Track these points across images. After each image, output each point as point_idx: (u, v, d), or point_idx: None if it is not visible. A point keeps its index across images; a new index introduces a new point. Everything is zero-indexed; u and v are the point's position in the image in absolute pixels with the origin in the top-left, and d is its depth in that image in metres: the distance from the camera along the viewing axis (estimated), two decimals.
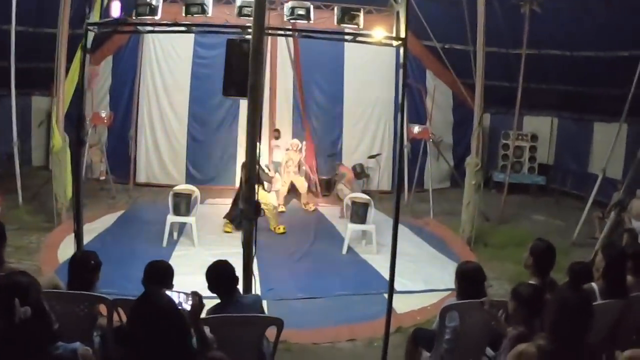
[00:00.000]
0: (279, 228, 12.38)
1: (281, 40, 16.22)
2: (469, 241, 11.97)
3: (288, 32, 6.04)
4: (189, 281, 5.16)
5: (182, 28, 5.76)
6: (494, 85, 12.17)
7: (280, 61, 16.69)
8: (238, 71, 5.27)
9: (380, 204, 13.52)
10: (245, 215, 5.40)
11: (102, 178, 15.64)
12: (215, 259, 9.64)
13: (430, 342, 5.64)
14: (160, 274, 5.03)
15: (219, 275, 5.07)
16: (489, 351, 5.36)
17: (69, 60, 11.71)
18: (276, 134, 16.02)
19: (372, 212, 11.39)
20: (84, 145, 6.18)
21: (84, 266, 5.05)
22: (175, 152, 16.74)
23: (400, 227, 12.77)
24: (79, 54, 11.62)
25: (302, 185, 14.90)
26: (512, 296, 4.81)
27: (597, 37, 13.38)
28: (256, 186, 6.05)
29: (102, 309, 5.10)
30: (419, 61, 16.89)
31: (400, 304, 8.33)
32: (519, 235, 12.61)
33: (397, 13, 6.02)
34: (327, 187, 16.52)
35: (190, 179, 15.93)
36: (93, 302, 4.97)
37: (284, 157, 15.05)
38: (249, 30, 5.08)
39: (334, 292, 9.11)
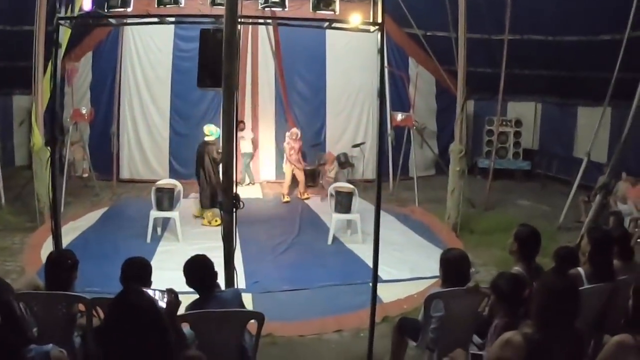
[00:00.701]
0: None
1: (262, 30, 16.09)
2: (454, 228, 11.97)
3: (262, 20, 5.83)
4: (175, 277, 5.11)
5: (155, 19, 5.70)
6: (476, 71, 12.15)
7: (262, 51, 16.60)
8: (212, 61, 5.17)
9: (365, 193, 13.50)
10: (225, 207, 5.29)
11: (85, 175, 15.53)
12: (198, 253, 9.62)
13: (416, 331, 5.60)
14: (138, 272, 4.91)
15: (197, 270, 5.01)
16: (476, 339, 5.31)
17: (47, 57, 11.59)
18: (241, 125, 15.72)
19: (356, 202, 11.34)
20: (57, 142, 6.02)
21: (60, 265, 4.97)
22: (158, 146, 16.65)
23: (386, 215, 12.91)
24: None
25: (300, 174, 14.94)
26: (492, 290, 4.80)
27: (579, 22, 13.35)
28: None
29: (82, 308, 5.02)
30: (401, 49, 16.86)
31: (387, 293, 8.34)
32: (505, 221, 12.59)
33: None
34: (312, 178, 16.48)
35: (173, 173, 15.87)
36: (71, 302, 4.91)
37: (286, 146, 14.99)
38: (223, 19, 5.01)
39: (320, 283, 9.04)
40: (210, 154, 12.34)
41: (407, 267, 9.73)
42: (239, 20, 4.85)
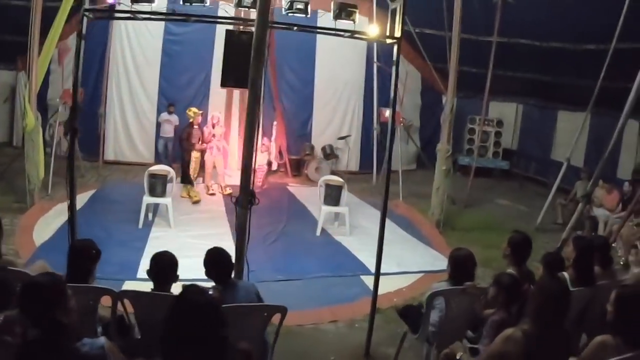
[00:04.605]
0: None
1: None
2: (438, 224, 12.27)
3: (288, 27, 6.01)
4: None
5: (180, 17, 5.85)
6: (461, 70, 12.38)
7: None
8: (236, 62, 5.35)
9: (348, 184, 13.68)
10: (241, 203, 5.49)
11: None
12: (192, 240, 9.82)
13: (415, 321, 5.94)
14: (168, 266, 5.05)
15: (218, 261, 5.18)
16: (469, 333, 5.63)
17: (43, 36, 11.57)
18: (171, 108, 15.91)
19: (345, 195, 11.58)
20: (77, 133, 6.14)
21: (85, 256, 4.99)
22: (144, 129, 16.65)
23: (370, 208, 13.23)
24: (53, 30, 11.59)
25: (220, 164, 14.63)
26: (494, 283, 5.19)
27: (566, 30, 13.63)
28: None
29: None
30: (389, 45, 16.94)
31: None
32: (485, 219, 13.04)
33: (393, 11, 6.16)
34: (297, 167, 16.72)
35: (159, 157, 15.96)
36: (99, 294, 4.95)
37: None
38: (249, 22, 5.20)
39: (312, 274, 9.27)
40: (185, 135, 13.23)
41: (394, 261, 9.92)
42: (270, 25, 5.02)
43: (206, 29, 15.24)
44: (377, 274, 6.85)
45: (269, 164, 15.36)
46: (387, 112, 14.86)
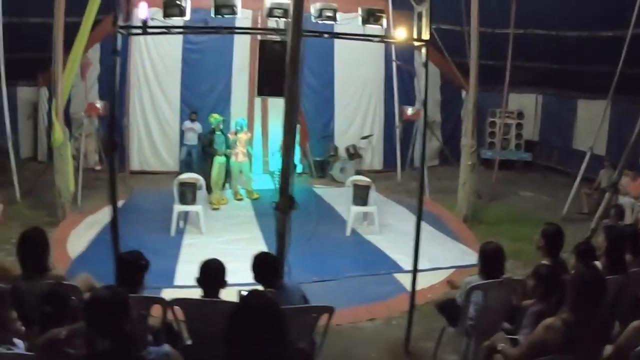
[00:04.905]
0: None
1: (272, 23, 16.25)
2: (465, 219, 12.33)
3: (320, 35, 6.13)
4: None
5: (213, 30, 5.98)
6: (479, 63, 12.42)
7: None
8: (271, 71, 5.47)
9: (373, 183, 13.76)
10: (281, 207, 5.61)
11: (98, 168, 15.71)
12: (224, 246, 9.94)
13: (453, 314, 6.05)
14: (217, 273, 5.16)
15: (267, 265, 5.30)
16: (505, 325, 5.73)
17: (66, 51, 11.76)
18: (193, 116, 16.11)
19: (373, 194, 11.69)
20: (117, 147, 6.28)
21: (134, 267, 5.09)
22: (168, 138, 16.85)
23: (398, 206, 13.32)
24: (76, 45, 11.78)
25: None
26: (533, 275, 5.33)
27: (582, 18, 13.65)
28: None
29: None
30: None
31: (410, 283, 8.68)
32: (511, 211, 13.06)
33: (419, 14, 6.27)
34: (322, 169, 16.82)
35: (183, 165, 16.08)
36: (150, 303, 5.08)
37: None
38: (281, 32, 5.33)
39: (346, 274, 9.37)
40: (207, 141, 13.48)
41: (425, 257, 9.82)
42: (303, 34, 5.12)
43: (224, 38, 15.43)
44: (415, 271, 6.96)
45: (294, 166, 15.41)
46: (409, 110, 15.03)
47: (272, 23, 12.31)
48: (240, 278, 5.58)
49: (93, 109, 14.50)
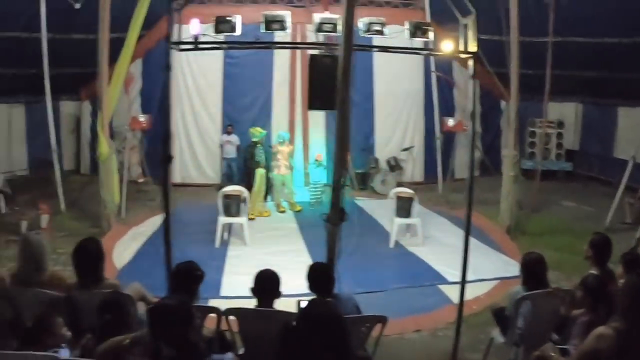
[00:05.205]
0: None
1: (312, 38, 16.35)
2: (508, 230, 12.28)
3: (369, 49, 6.22)
4: (248, 281, 5.40)
5: (263, 45, 6.09)
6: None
7: None
8: (322, 85, 5.56)
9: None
10: (331, 220, 5.67)
11: (141, 180, 15.94)
12: (269, 258, 10.04)
13: (504, 323, 6.10)
14: (272, 283, 5.22)
15: (323, 276, 5.35)
16: (553, 335, 5.74)
17: (111, 66, 12.10)
18: (229, 129, 16.37)
19: (416, 206, 11.71)
20: (172, 159, 6.39)
21: (189, 277, 5.17)
22: (209, 151, 17.03)
23: (440, 218, 13.33)
24: (121, 61, 12.03)
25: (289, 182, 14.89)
26: (581, 285, 5.32)
27: (620, 24, 13.56)
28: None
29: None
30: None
31: (456, 295, 8.62)
32: (554, 222, 12.98)
33: (465, 26, 6.31)
34: (363, 181, 16.87)
35: (224, 178, 16.25)
36: (205, 313, 5.18)
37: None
38: (331, 47, 5.42)
39: (390, 285, 9.43)
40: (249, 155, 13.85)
41: (469, 269, 9.88)
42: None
43: (264, 52, 15.61)
44: (463, 282, 6.99)
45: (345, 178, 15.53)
46: (450, 121, 15.02)
47: (311, 38, 12.60)
48: (287, 289, 5.63)
49: (136, 122, 14.75)
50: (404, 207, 11.55)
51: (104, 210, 12.11)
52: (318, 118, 17.01)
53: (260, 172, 13.85)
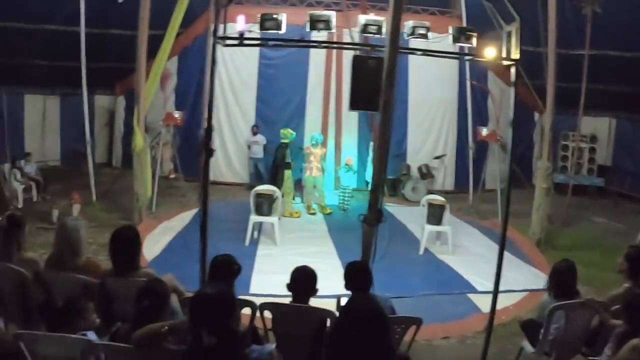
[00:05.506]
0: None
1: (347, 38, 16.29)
2: (538, 243, 12.20)
3: (413, 52, 6.25)
4: (278, 280, 5.41)
5: (310, 44, 6.12)
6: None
7: (347, 64, 16.33)
8: (364, 86, 5.58)
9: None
10: (368, 221, 5.69)
11: (172, 176, 16.08)
12: (299, 258, 10.06)
13: (533, 333, 6.04)
14: (309, 280, 5.24)
15: (362, 273, 5.34)
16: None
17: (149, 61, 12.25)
18: (255, 129, 16.58)
19: (447, 214, 11.69)
20: (213, 153, 6.44)
21: (228, 270, 5.20)
22: (242, 150, 17.11)
23: (470, 228, 13.28)
24: (159, 57, 12.18)
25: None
26: (620, 298, 5.32)
27: None
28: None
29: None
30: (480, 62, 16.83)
31: (484, 304, 8.64)
32: (584, 237, 12.88)
33: (509, 33, 6.31)
34: (393, 187, 16.84)
35: (252, 178, 16.47)
36: (239, 306, 5.09)
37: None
38: (378, 48, 5.45)
39: (419, 292, 9.39)
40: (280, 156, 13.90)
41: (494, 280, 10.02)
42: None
43: (300, 53, 15.68)
44: (496, 292, 6.93)
45: (367, 183, 15.59)
46: (484, 131, 14.95)
47: (346, 38, 12.64)
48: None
49: (171, 118, 14.86)
50: (435, 215, 11.54)
51: (136, 203, 12.28)
52: (351, 121, 17.09)
53: (288, 174, 13.93)
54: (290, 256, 10.48)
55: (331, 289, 6.06)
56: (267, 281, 8.95)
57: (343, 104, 16.85)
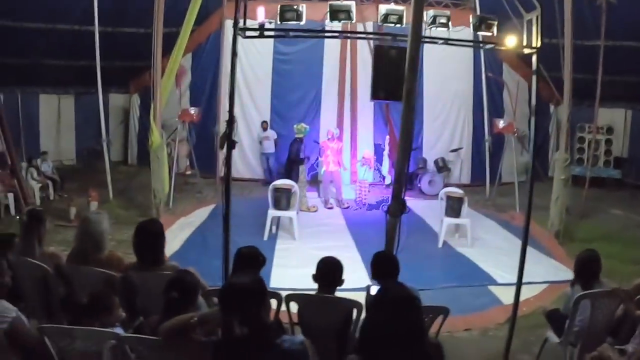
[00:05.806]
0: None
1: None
2: (557, 235, 12.13)
3: (434, 41, 6.22)
4: (297, 274, 5.39)
5: (330, 34, 6.11)
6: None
7: (361, 58, 16.61)
8: (386, 76, 5.56)
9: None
10: (392, 212, 5.67)
11: (188, 173, 16.11)
12: (318, 252, 9.99)
13: (559, 324, 6.03)
14: (336, 270, 5.27)
15: (388, 264, 5.34)
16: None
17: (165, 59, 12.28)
18: (264, 125, 16.64)
19: (465, 207, 11.68)
20: (235, 145, 6.43)
21: (254, 262, 5.22)
22: (257, 147, 17.11)
23: (488, 220, 13.23)
24: (175, 54, 12.22)
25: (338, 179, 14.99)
26: None
27: None
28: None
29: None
30: (495, 54, 16.75)
31: (505, 296, 8.66)
32: (602, 230, 12.80)
33: (529, 22, 6.27)
34: (410, 181, 16.64)
35: (266, 173, 16.58)
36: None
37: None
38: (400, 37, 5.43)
39: (439, 285, 9.37)
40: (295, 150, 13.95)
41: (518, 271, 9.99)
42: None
43: (314, 48, 15.67)
44: (519, 284, 6.94)
45: (383, 178, 15.59)
46: (501, 123, 14.89)
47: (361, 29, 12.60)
48: None
49: (187, 115, 14.90)
50: (453, 207, 11.51)
51: (153, 199, 12.31)
52: (366, 116, 17.11)
53: (302, 169, 13.96)
54: (309, 250, 10.49)
55: (354, 282, 6.05)
56: (286, 275, 8.98)
57: (358, 98, 16.90)
